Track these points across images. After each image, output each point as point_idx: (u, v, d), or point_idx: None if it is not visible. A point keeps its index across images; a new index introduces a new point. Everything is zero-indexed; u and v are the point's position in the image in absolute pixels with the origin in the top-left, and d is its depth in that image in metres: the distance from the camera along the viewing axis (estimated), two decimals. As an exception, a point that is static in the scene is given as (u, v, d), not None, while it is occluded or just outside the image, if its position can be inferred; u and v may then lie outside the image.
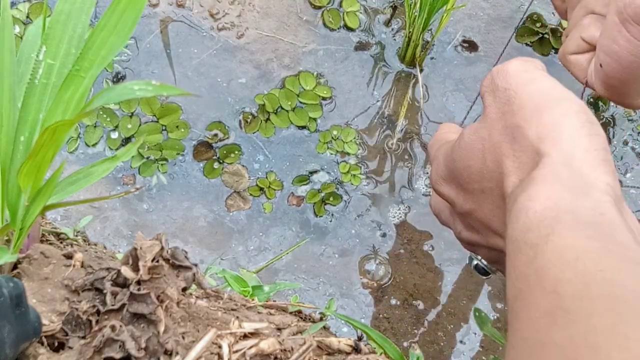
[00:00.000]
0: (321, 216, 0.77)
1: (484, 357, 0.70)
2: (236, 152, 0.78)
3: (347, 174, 0.79)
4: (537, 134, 0.45)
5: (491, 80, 0.51)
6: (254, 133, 0.79)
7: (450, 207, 0.56)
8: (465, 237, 0.57)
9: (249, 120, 0.80)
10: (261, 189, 0.77)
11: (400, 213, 0.81)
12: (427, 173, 0.83)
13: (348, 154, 0.80)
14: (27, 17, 0.80)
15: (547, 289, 0.38)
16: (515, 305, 0.40)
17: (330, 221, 0.77)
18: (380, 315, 0.73)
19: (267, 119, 0.80)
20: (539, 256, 0.40)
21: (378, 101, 0.83)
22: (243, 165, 0.78)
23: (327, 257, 0.76)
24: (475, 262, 0.65)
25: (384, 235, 0.78)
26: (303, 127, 0.80)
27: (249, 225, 0.76)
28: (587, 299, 0.38)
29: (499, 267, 0.57)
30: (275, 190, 0.78)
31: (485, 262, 0.61)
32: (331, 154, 0.80)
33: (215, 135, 0.79)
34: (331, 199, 0.78)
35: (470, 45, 0.86)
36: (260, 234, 0.76)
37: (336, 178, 0.79)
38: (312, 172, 0.79)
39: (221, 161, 0.78)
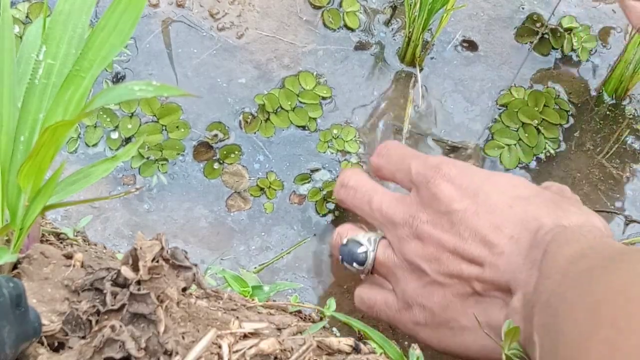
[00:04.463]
0: (323, 214, 0.77)
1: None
2: (236, 152, 0.78)
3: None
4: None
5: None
6: (254, 133, 0.79)
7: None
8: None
9: (249, 120, 0.80)
10: (261, 189, 0.77)
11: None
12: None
13: (349, 152, 0.79)
14: (27, 16, 0.80)
15: None
16: None
17: (332, 220, 0.77)
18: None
19: (267, 119, 0.80)
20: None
21: (378, 101, 0.83)
22: (243, 166, 0.78)
23: (328, 255, 0.76)
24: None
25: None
26: (303, 127, 0.80)
27: (251, 225, 0.76)
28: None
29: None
30: (275, 190, 0.77)
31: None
32: (332, 152, 0.80)
33: (215, 135, 0.79)
34: (333, 196, 0.78)
35: (470, 45, 0.86)
36: (263, 233, 0.75)
37: (337, 176, 0.79)
38: (313, 171, 0.79)
39: (221, 161, 0.78)
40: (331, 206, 0.78)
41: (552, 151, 0.82)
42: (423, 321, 0.61)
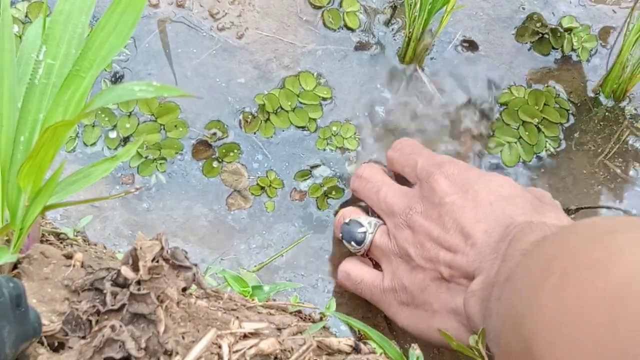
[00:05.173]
0: (324, 210, 0.77)
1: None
2: (235, 151, 0.78)
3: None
4: None
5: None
6: (254, 133, 0.79)
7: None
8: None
9: (249, 120, 0.80)
10: (262, 187, 0.77)
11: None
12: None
13: (348, 149, 0.79)
14: (26, 16, 0.80)
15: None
16: None
17: (334, 215, 0.77)
18: (380, 315, 0.73)
19: (267, 119, 0.80)
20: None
21: (378, 101, 0.83)
22: (242, 164, 0.78)
23: (326, 251, 0.76)
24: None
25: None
26: (303, 128, 0.80)
27: (252, 224, 0.76)
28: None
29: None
30: (276, 188, 0.77)
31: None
32: (331, 150, 0.80)
33: (214, 134, 0.79)
34: (333, 192, 0.78)
35: (471, 45, 0.86)
36: (264, 232, 0.75)
37: (336, 173, 0.79)
38: (313, 167, 0.79)
39: (220, 160, 0.78)
40: (332, 202, 0.78)
41: (552, 150, 0.82)
42: (405, 301, 0.66)
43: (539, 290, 0.47)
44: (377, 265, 0.71)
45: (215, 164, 0.78)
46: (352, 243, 0.70)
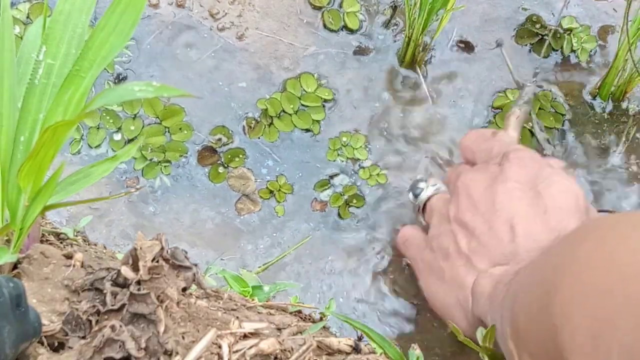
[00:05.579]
0: (346, 219, 0.77)
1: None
2: (240, 155, 0.78)
3: (370, 177, 0.79)
4: None
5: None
6: (258, 138, 0.79)
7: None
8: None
9: (252, 125, 0.80)
10: (271, 191, 0.77)
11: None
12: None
13: (359, 159, 0.79)
14: (27, 17, 0.80)
15: None
16: None
17: (357, 223, 0.77)
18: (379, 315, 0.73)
19: (271, 124, 0.80)
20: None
21: (378, 102, 0.83)
22: (248, 168, 0.78)
23: (336, 255, 0.76)
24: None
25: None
26: (307, 130, 0.80)
27: (262, 226, 0.76)
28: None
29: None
30: (285, 193, 0.77)
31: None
32: (342, 160, 0.80)
33: (219, 139, 0.79)
34: (354, 200, 0.78)
35: (468, 47, 0.86)
36: (274, 234, 0.76)
37: (355, 181, 0.79)
38: (332, 176, 0.79)
39: (226, 165, 0.78)
40: (354, 210, 0.78)
41: (549, 154, 0.82)
42: (428, 263, 0.68)
43: (576, 247, 0.47)
44: None
45: (221, 169, 0.78)
46: (411, 194, 0.75)
